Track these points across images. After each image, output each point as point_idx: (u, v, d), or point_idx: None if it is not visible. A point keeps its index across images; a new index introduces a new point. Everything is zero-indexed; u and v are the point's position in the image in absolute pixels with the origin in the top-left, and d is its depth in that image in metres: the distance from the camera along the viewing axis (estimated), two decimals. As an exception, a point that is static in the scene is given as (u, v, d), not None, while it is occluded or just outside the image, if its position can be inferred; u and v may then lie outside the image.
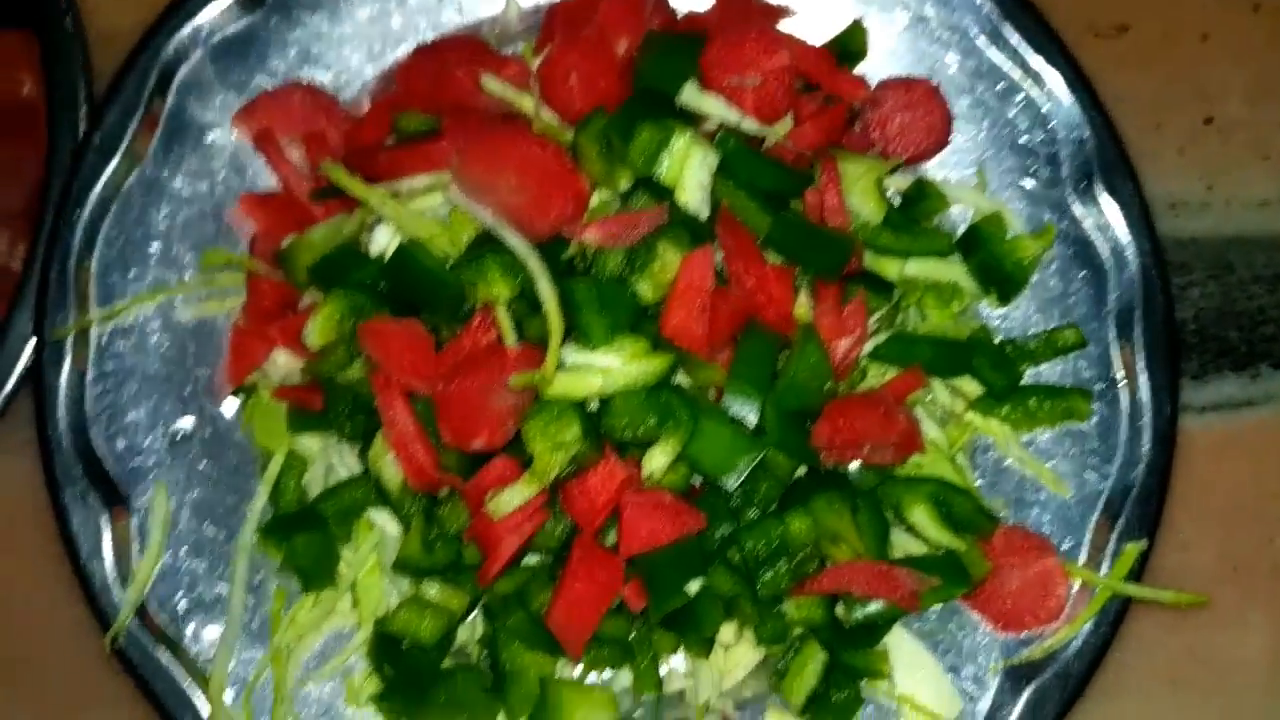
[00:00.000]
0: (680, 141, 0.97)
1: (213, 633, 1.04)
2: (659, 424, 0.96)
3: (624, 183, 1.00)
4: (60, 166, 1.06)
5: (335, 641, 1.05)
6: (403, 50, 1.11)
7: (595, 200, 1.01)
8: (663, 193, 0.98)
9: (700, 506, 0.97)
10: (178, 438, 1.06)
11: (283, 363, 1.05)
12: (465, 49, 1.09)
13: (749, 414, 0.97)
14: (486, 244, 0.99)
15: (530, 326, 0.98)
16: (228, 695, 1.03)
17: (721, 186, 1.00)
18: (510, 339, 0.97)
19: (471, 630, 1.05)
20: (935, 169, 1.14)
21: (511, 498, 0.93)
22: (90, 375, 1.05)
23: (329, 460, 1.05)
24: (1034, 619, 1.09)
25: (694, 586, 0.96)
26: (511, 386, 0.93)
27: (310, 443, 1.05)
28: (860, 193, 1.06)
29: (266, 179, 1.09)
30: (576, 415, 0.94)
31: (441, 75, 1.07)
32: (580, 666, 1.06)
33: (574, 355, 0.95)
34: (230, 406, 1.07)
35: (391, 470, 0.98)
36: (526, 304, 0.99)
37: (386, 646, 1.01)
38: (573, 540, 0.98)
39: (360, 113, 1.11)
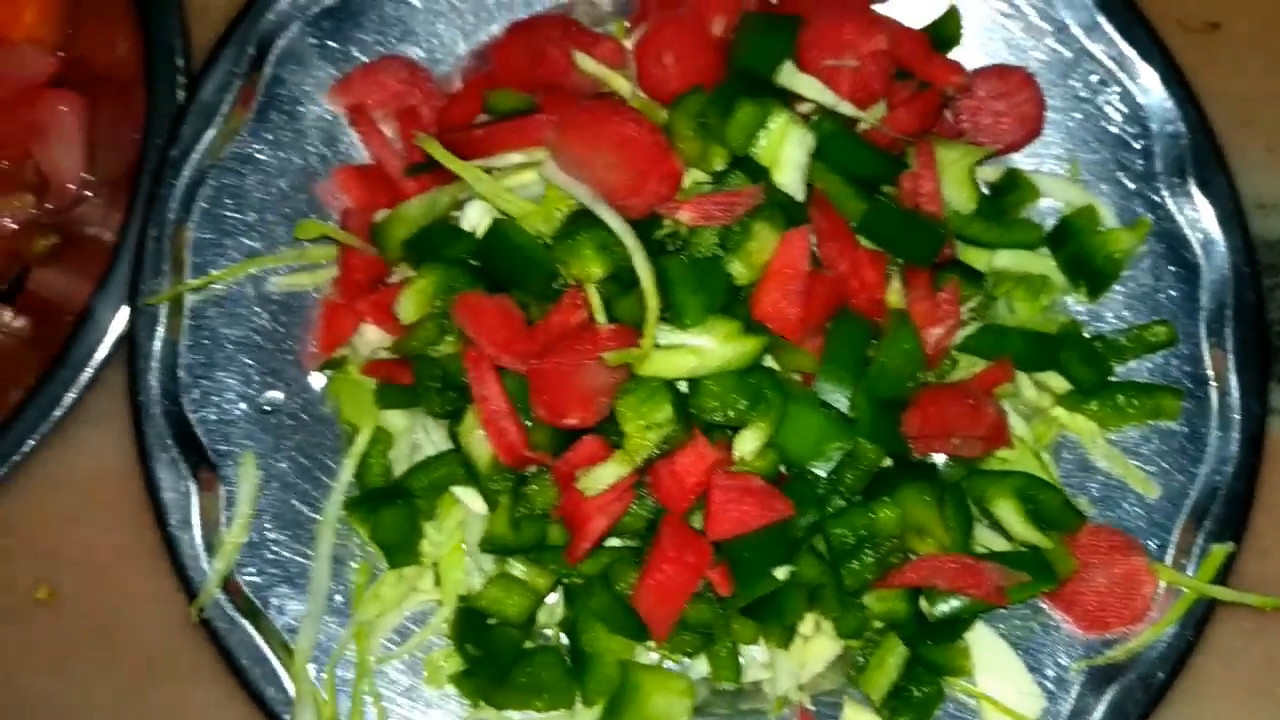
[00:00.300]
0: (778, 121, 0.97)
1: (295, 605, 1.04)
2: (750, 407, 0.95)
3: (718, 162, 0.99)
4: (157, 135, 1.07)
5: (415, 620, 1.05)
6: (495, 28, 1.11)
7: (688, 180, 1.00)
8: (759, 173, 0.97)
9: (786, 493, 0.96)
10: (266, 409, 1.06)
11: (371, 337, 1.06)
12: (558, 27, 1.09)
13: (840, 400, 0.96)
14: (580, 222, 0.99)
15: (620, 306, 0.98)
16: (310, 669, 1.03)
17: (816, 169, 0.99)
18: (601, 317, 0.97)
19: (550, 612, 1.05)
20: (1024, 159, 1.13)
21: (604, 475, 0.93)
22: (182, 344, 1.05)
23: (414, 436, 1.05)
24: (1118, 619, 1.07)
25: (782, 573, 0.95)
26: (608, 363, 0.93)
27: (396, 418, 1.05)
28: (953, 181, 1.05)
29: (359, 153, 1.10)
30: (668, 395, 0.94)
31: (535, 53, 1.07)
32: (655, 654, 1.06)
33: (667, 335, 0.95)
34: (318, 380, 1.08)
35: (481, 447, 0.98)
36: (617, 283, 0.98)
37: (470, 624, 1.01)
38: (658, 522, 0.98)
39: (452, 89, 1.11)
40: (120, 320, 1.07)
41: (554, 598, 1.04)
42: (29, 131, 1.13)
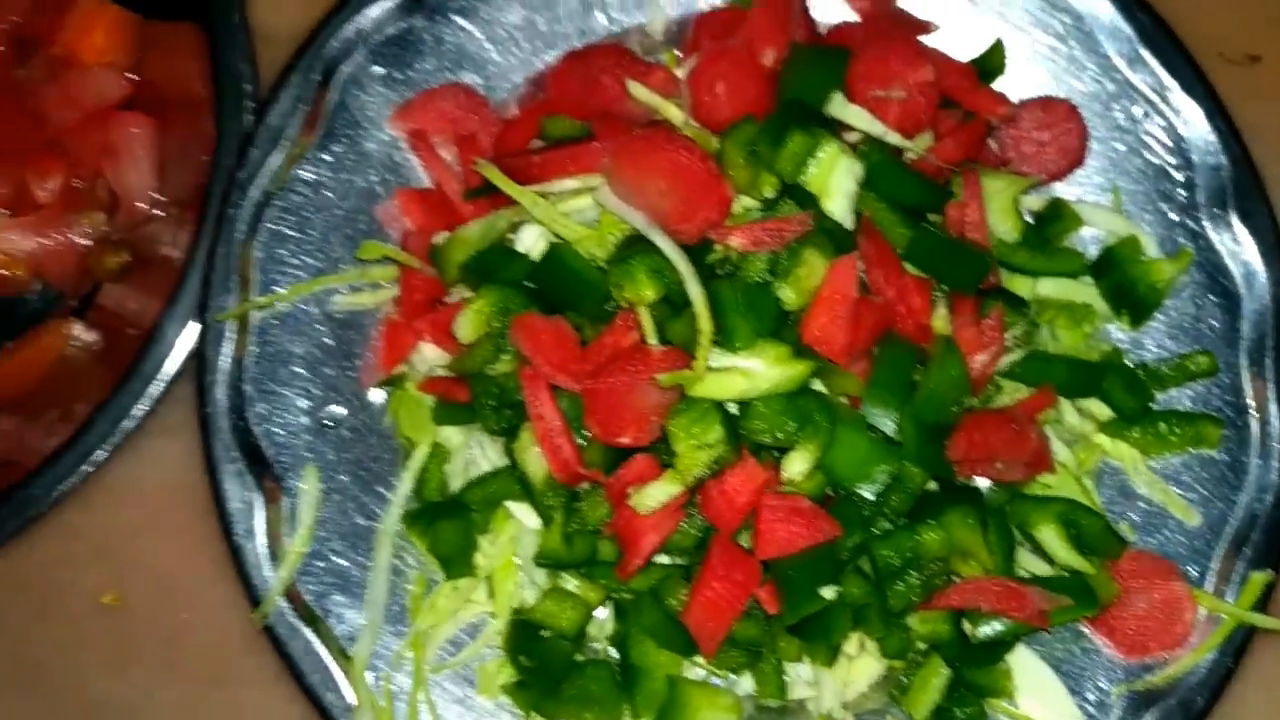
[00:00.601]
0: (828, 151, 0.99)
1: (354, 615, 1.07)
2: (798, 429, 0.97)
3: (768, 190, 1.01)
4: (226, 157, 1.10)
5: (467, 631, 1.08)
6: (550, 56, 1.14)
7: (738, 206, 1.03)
8: (808, 200, 1.00)
9: (833, 514, 0.98)
10: (328, 424, 1.09)
11: (429, 355, 1.09)
12: (612, 56, 1.12)
13: (887, 424, 0.98)
14: (633, 247, 1.01)
15: (671, 328, 1.00)
16: (368, 677, 1.06)
17: (863, 197, 1.02)
18: (653, 339, 1.00)
19: (600, 625, 1.07)
20: (1066, 188, 1.15)
21: (656, 494, 0.95)
22: (249, 360, 1.08)
23: (470, 451, 1.08)
24: (1159, 645, 1.08)
25: (829, 593, 0.97)
26: (661, 384, 0.95)
27: (453, 434, 1.08)
28: (998, 210, 1.08)
29: (418, 176, 1.13)
30: (719, 416, 0.96)
31: (589, 81, 1.10)
32: (701, 669, 1.08)
33: (718, 357, 0.97)
34: (377, 396, 1.11)
35: (536, 464, 1.00)
36: (668, 306, 1.01)
37: (524, 636, 1.03)
38: (706, 540, 1.00)
39: (509, 115, 1.14)
40: (188, 336, 1.10)
41: (603, 612, 1.07)
42: (101, 151, 1.16)
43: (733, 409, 0.99)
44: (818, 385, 1.01)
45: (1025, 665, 1.08)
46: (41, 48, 1.19)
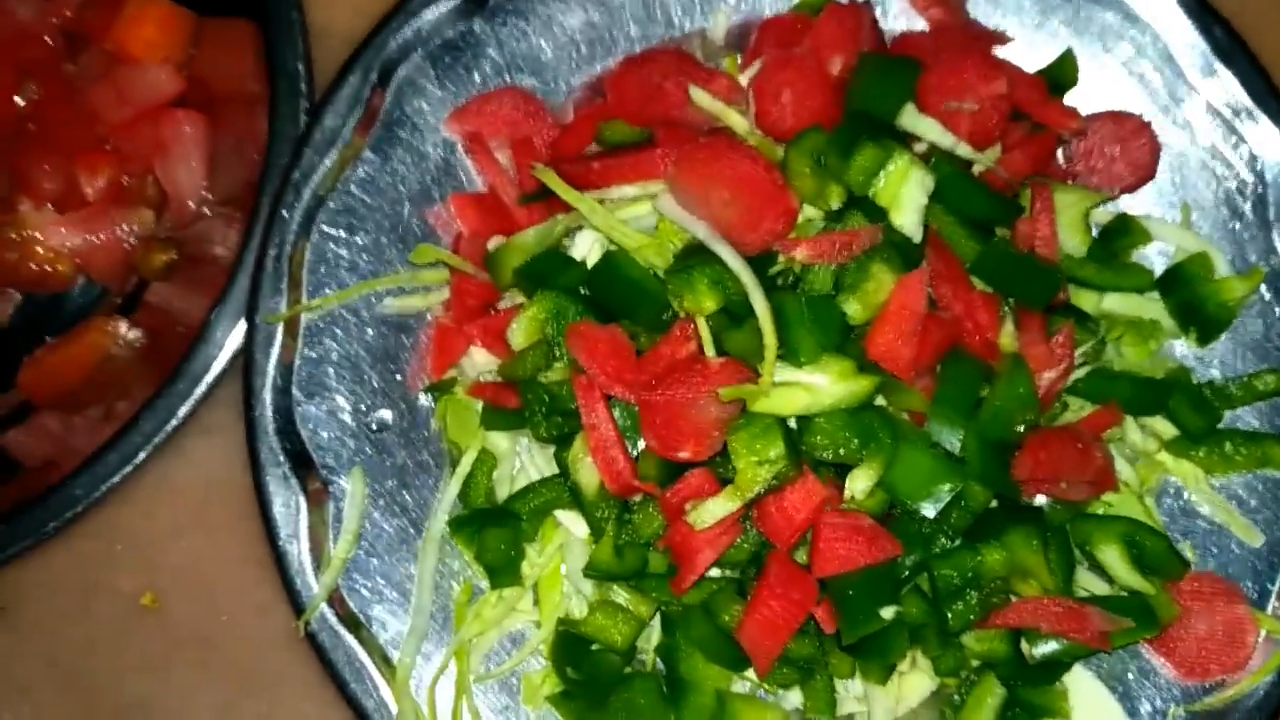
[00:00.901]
0: (899, 163, 0.97)
1: (397, 622, 1.05)
2: (860, 446, 0.95)
3: (834, 201, 0.99)
4: (280, 157, 1.08)
5: (511, 639, 1.06)
6: (609, 61, 1.12)
7: (800, 218, 1.01)
8: (876, 213, 0.98)
9: (891, 532, 0.96)
10: (374, 428, 1.08)
11: (479, 360, 1.07)
12: (673, 61, 1.10)
13: (953, 442, 0.96)
14: (694, 256, 0.99)
15: (730, 340, 0.98)
16: (410, 685, 1.04)
17: (931, 211, 0.99)
18: (711, 350, 0.98)
19: (647, 636, 1.05)
20: (1131, 202, 1.12)
21: (714, 510, 0.93)
22: (297, 362, 1.07)
23: (518, 459, 1.06)
24: (1220, 668, 1.06)
25: (889, 613, 0.95)
26: (722, 398, 0.93)
27: (500, 440, 1.06)
28: (1067, 224, 1.06)
29: (471, 180, 1.11)
30: (780, 431, 0.94)
31: (650, 87, 1.08)
32: (747, 683, 1.06)
33: (781, 371, 0.95)
34: (425, 400, 1.09)
35: (589, 474, 0.99)
36: (726, 316, 0.99)
37: (571, 647, 1.01)
38: (760, 555, 0.98)
39: (564, 120, 1.12)
40: (235, 336, 1.08)
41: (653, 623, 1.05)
42: (151, 149, 1.15)
43: (792, 424, 0.97)
44: (880, 401, 0.98)
45: (1081, 685, 1.06)
46: (93, 43, 1.18)
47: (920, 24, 1.12)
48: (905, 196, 0.97)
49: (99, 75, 1.17)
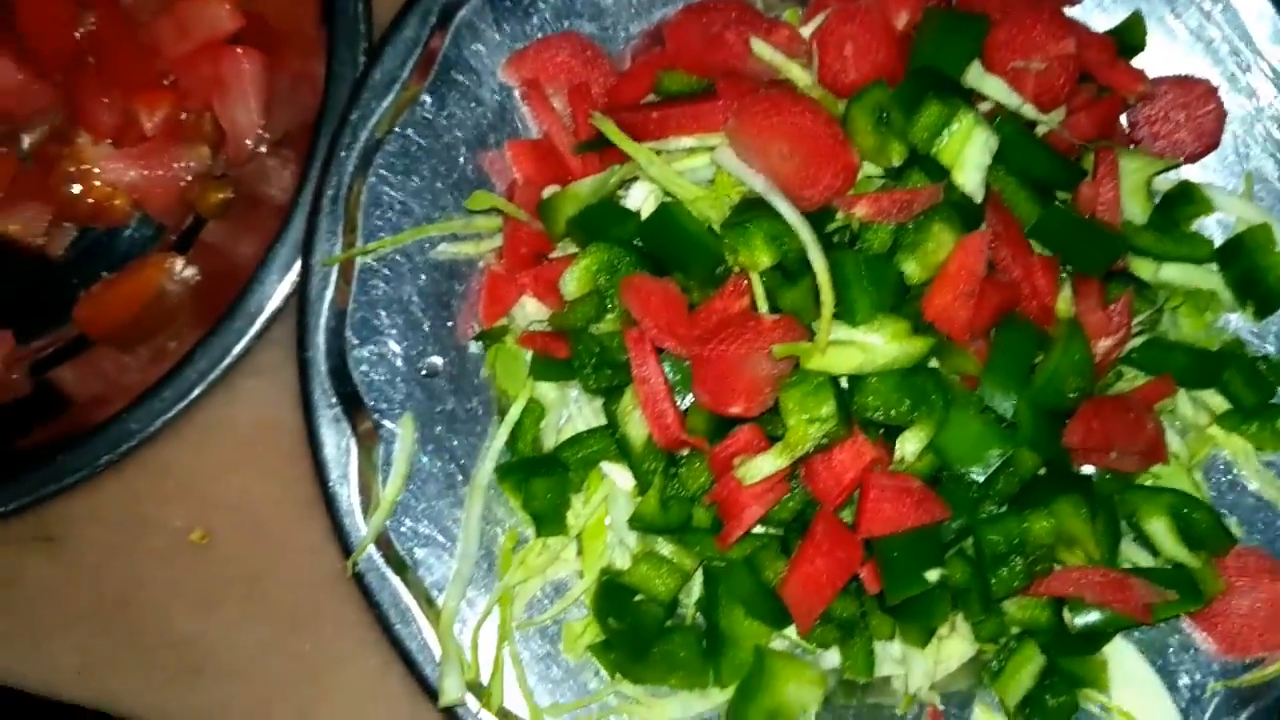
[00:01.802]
0: (964, 122, 0.95)
1: (442, 566, 1.06)
2: (912, 408, 0.95)
3: (895, 158, 0.98)
4: (337, 99, 1.08)
5: (553, 587, 1.07)
6: (669, 9, 1.11)
7: (860, 175, 1.00)
8: (938, 172, 0.97)
9: (940, 495, 0.96)
10: (425, 373, 1.08)
11: (531, 309, 1.07)
12: (734, 10, 1.08)
13: (1005, 407, 0.95)
14: (750, 211, 0.99)
15: (783, 296, 0.97)
16: (455, 628, 1.05)
17: (993, 171, 0.98)
18: (764, 307, 0.97)
19: (689, 592, 1.06)
20: (1192, 171, 1.10)
21: (763, 466, 0.93)
22: (351, 305, 1.07)
23: (566, 409, 1.07)
24: (1261, 645, 1.05)
25: (934, 575, 0.94)
26: (775, 355, 0.93)
27: (549, 390, 1.07)
28: (1129, 190, 1.04)
29: (526, 127, 1.10)
30: (831, 390, 0.93)
31: (710, 37, 1.07)
32: (786, 641, 1.06)
33: (836, 330, 0.94)
34: (475, 347, 1.09)
35: (637, 427, 0.99)
36: (779, 273, 0.98)
37: (615, 598, 1.02)
38: (805, 514, 0.98)
39: (622, 68, 1.11)
40: (289, 277, 1.09)
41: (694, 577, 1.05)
42: (210, 85, 1.15)
43: (843, 383, 0.96)
44: (933, 363, 0.98)
45: (1121, 657, 1.06)
46: (153, -25, 1.18)
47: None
48: (968, 156, 0.95)
49: (158, 9, 1.17)
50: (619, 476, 1.04)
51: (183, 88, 1.16)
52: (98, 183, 1.16)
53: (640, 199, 1.05)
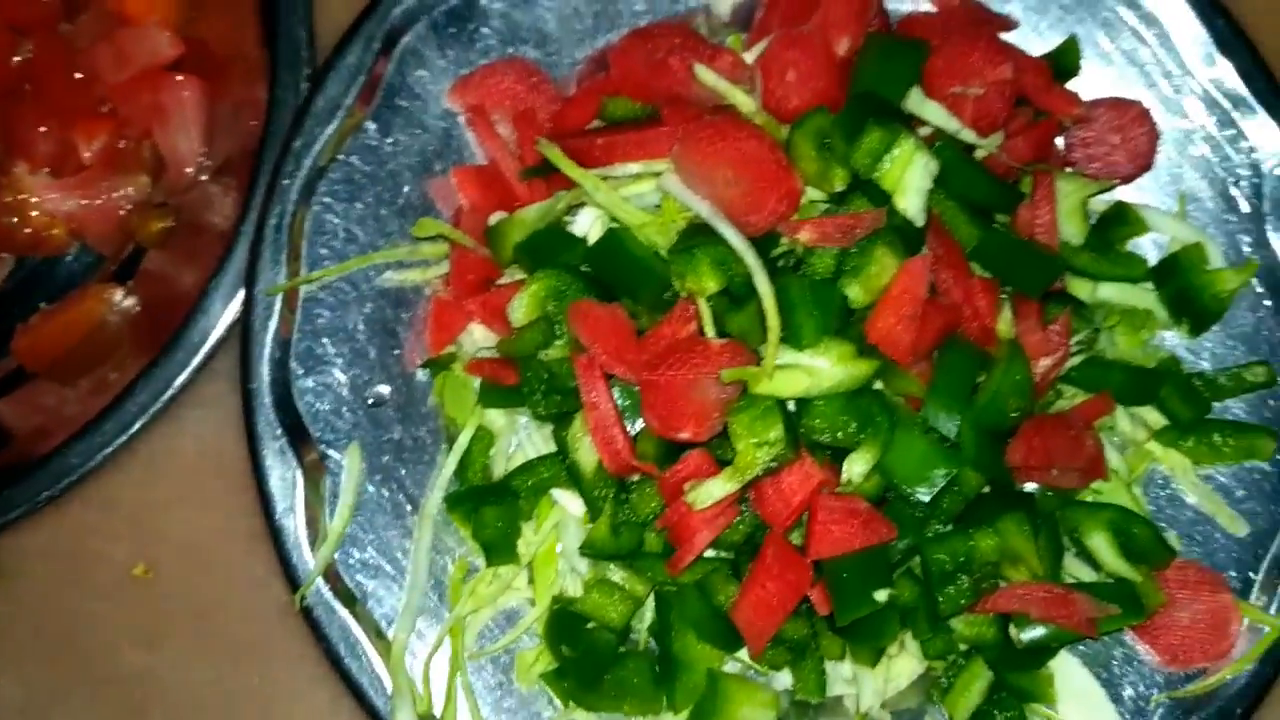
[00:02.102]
0: (905, 147, 0.97)
1: (392, 598, 1.05)
2: (858, 430, 0.96)
3: (838, 184, 0.99)
4: (280, 126, 1.07)
5: (505, 616, 1.07)
6: (612, 35, 1.11)
7: (803, 199, 1.01)
8: (879, 196, 0.98)
9: (886, 515, 0.97)
10: (371, 402, 1.07)
11: (479, 336, 1.07)
12: (677, 36, 1.09)
13: (949, 427, 0.96)
14: (697, 235, 0.99)
15: (731, 321, 0.98)
16: (406, 660, 1.04)
17: (933, 195, 0.99)
18: (711, 331, 0.98)
19: (640, 617, 1.06)
20: (1129, 191, 1.12)
21: (713, 490, 0.94)
22: (295, 334, 1.06)
23: (515, 436, 1.06)
24: (1203, 656, 1.07)
25: (882, 596, 0.95)
26: (724, 380, 0.94)
27: (498, 418, 1.06)
28: (1065, 212, 1.06)
29: (471, 152, 1.10)
30: (779, 414, 0.94)
31: (654, 63, 1.07)
32: (738, 664, 1.07)
33: (782, 354, 0.95)
34: (423, 375, 1.09)
35: (588, 453, 0.99)
36: (726, 297, 0.99)
37: (567, 626, 1.02)
38: (755, 538, 0.98)
39: (568, 93, 1.11)
40: (232, 306, 1.08)
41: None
42: (150, 113, 1.14)
43: (790, 406, 0.97)
44: (877, 384, 0.99)
45: (1067, 670, 1.07)
46: (92, 3, 1.16)
47: (924, 4, 1.12)
48: (909, 181, 0.97)
49: (97, 36, 1.15)
50: (570, 503, 1.04)
51: (122, 116, 1.15)
52: (35, 213, 1.15)
53: (587, 224, 1.06)
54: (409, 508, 1.07)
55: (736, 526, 0.98)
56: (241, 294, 1.07)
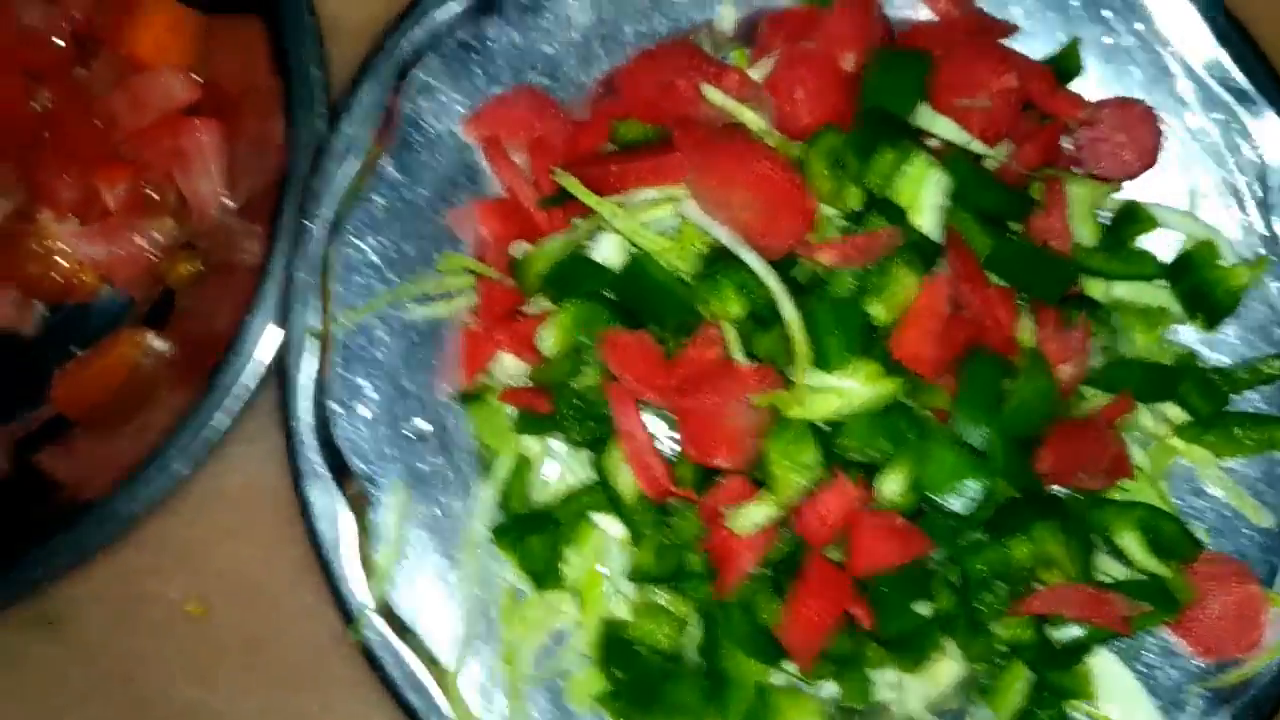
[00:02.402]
0: (917, 164, 0.98)
1: (441, 626, 1.07)
2: (890, 446, 0.97)
3: (853, 203, 1.00)
4: (300, 163, 1.08)
5: (555, 640, 1.09)
6: (619, 58, 1.12)
7: (819, 218, 1.02)
8: (894, 213, 0.99)
9: (921, 528, 0.99)
10: (410, 435, 1.09)
11: (510, 366, 1.08)
12: (684, 56, 1.09)
13: (978, 438, 0.98)
14: (719, 260, 1.01)
15: (757, 343, 1.00)
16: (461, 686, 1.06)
17: (947, 209, 1.01)
18: (739, 355, 0.99)
19: (688, 635, 1.07)
20: (1137, 190, 1.13)
21: (755, 516, 0.95)
22: (331, 372, 1.08)
23: (553, 460, 1.08)
24: (1235, 647, 1.09)
25: (924, 609, 0.97)
26: (756, 405, 0.95)
27: (535, 443, 1.08)
28: (1077, 215, 1.07)
29: (492, 180, 1.11)
30: (813, 436, 0.96)
31: (662, 84, 1.08)
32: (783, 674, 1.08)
33: (811, 376, 0.97)
34: (458, 406, 1.10)
35: (627, 480, 1.01)
36: (751, 320, 1.00)
37: (617, 649, 1.04)
38: (796, 553, 1.00)
39: (579, 117, 1.12)
40: (268, 343, 1.08)
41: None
42: (170, 157, 1.14)
43: (822, 426, 0.99)
44: (904, 400, 1.00)
45: (1104, 667, 1.09)
46: (104, 48, 1.17)
47: (923, 10, 1.12)
48: (924, 198, 0.98)
49: (112, 82, 1.16)
50: (610, 526, 1.06)
51: (142, 161, 1.15)
52: (63, 260, 1.16)
53: (608, 250, 1.06)
54: (454, 537, 1.09)
55: (777, 545, 1.00)
56: (273, 329, 1.08)
